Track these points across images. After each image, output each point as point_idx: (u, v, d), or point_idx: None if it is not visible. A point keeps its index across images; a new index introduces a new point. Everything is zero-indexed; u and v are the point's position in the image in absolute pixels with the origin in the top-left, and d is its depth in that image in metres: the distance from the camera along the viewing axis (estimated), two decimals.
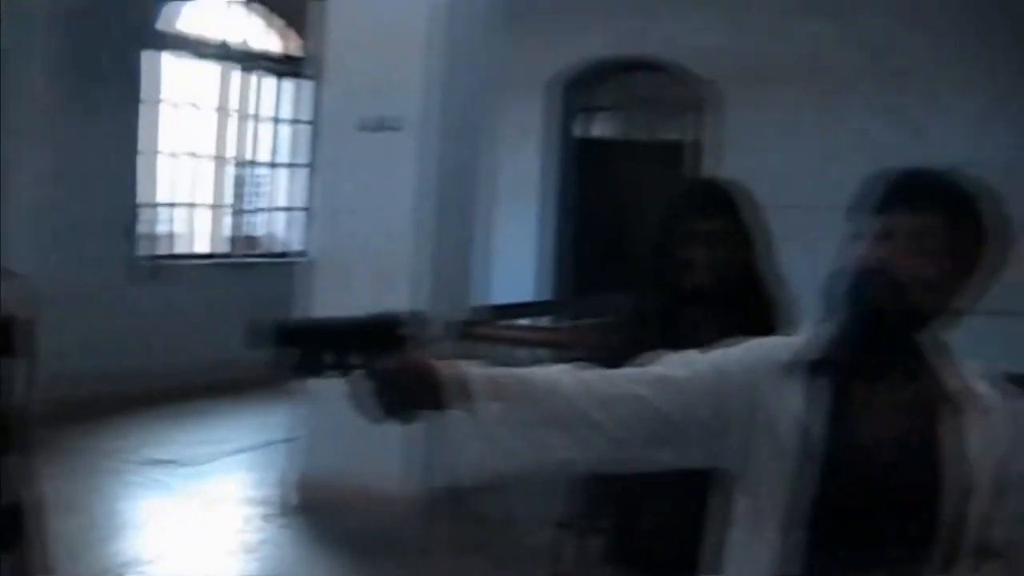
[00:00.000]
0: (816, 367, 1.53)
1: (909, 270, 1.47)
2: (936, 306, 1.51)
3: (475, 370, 1.50)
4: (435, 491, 5.31)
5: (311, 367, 1.42)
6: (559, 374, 1.56)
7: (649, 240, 2.37)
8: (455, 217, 5.55)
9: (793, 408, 1.52)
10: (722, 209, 2.28)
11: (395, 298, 5.13)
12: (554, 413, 1.50)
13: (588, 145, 9.96)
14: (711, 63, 8.75)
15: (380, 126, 5.26)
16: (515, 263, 9.43)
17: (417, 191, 5.31)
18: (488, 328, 5.43)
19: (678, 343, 2.17)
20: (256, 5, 9.28)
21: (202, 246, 9.18)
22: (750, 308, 2.26)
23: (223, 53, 9.04)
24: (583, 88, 9.91)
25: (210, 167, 9.22)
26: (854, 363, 1.53)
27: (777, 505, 1.52)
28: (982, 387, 1.55)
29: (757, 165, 8.43)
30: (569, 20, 9.13)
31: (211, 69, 9.05)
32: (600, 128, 10.05)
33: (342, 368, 1.41)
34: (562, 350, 5.89)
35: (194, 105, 8.96)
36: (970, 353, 1.59)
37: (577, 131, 10.03)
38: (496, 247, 8.88)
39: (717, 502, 1.64)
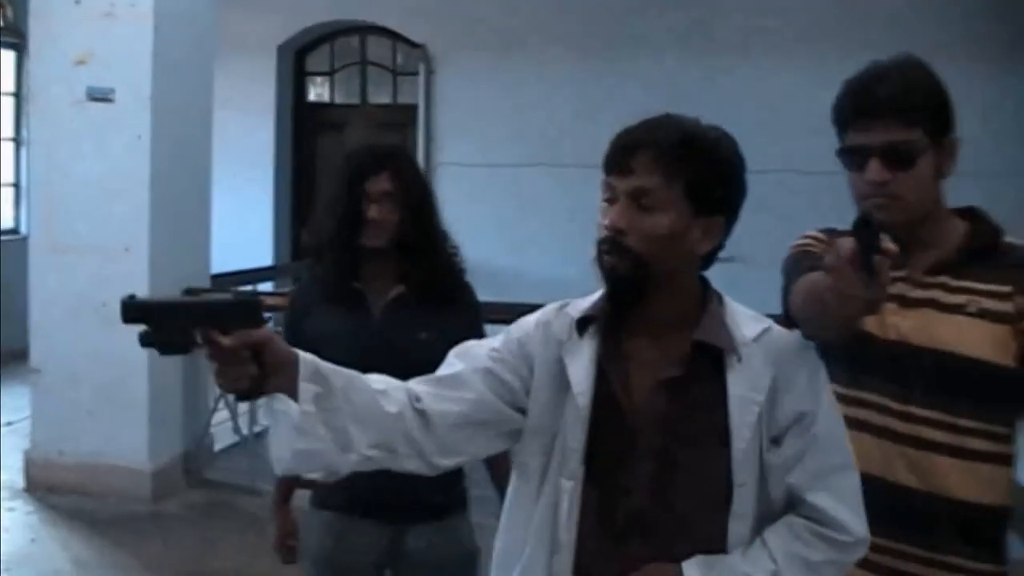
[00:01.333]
0: (590, 323, 1.57)
1: (633, 231, 1.49)
2: (678, 254, 1.52)
3: (305, 355, 1.47)
4: (167, 464, 5.36)
5: (168, 344, 1.42)
6: (387, 383, 1.55)
7: (325, 202, 2.47)
8: (185, 187, 5.52)
9: (576, 362, 1.55)
10: (392, 170, 2.39)
11: (122, 273, 5.10)
12: (367, 414, 1.49)
13: (317, 109, 10.05)
14: (426, 27, 9.03)
15: (92, 98, 5.17)
16: (251, 230, 9.44)
17: (139, 162, 5.24)
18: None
19: (357, 299, 2.39)
20: None
21: None
22: (424, 262, 2.40)
23: None
24: (312, 53, 9.97)
25: None
26: (619, 318, 1.56)
27: (554, 456, 1.56)
28: (751, 332, 1.55)
29: (471, 127, 8.89)
30: None
31: None
32: (328, 93, 10.13)
33: (187, 345, 1.41)
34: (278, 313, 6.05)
35: None
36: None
37: (309, 96, 10.10)
38: (233, 214, 8.87)
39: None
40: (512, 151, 8.75)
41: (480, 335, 2.47)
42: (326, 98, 10.13)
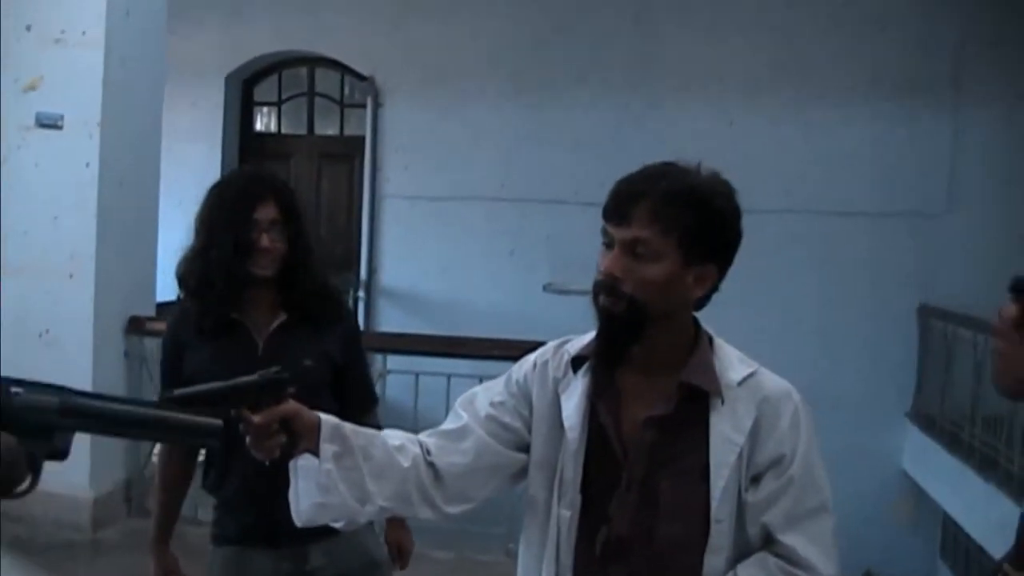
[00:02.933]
0: (584, 361, 1.65)
1: (628, 279, 1.55)
2: (672, 300, 1.58)
3: (328, 418, 1.60)
4: (108, 492, 5.32)
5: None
6: (402, 439, 1.67)
7: (209, 227, 2.36)
8: (132, 215, 5.51)
9: (569, 399, 1.64)
10: (277, 197, 2.34)
11: (67, 299, 5.08)
12: (384, 469, 1.61)
13: (264, 139, 10.08)
14: (374, 59, 9.16)
15: (41, 124, 5.17)
16: None
17: (87, 190, 5.23)
18: (157, 324, 5.46)
19: (237, 330, 2.35)
20: None
21: None
22: (304, 288, 2.37)
23: None
24: (260, 83, 10.01)
25: None
26: (613, 357, 1.63)
27: (555, 488, 1.63)
28: (737, 376, 1.61)
29: (417, 159, 9.00)
30: (244, 14, 9.22)
31: None
32: (276, 123, 10.17)
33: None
34: None
35: None
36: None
37: (257, 126, 10.13)
38: (180, 242, 8.84)
39: None
40: (458, 184, 8.87)
41: (360, 353, 2.54)
42: (273, 128, 10.17)
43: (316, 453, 1.57)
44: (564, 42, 8.72)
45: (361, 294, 9.14)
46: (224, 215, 2.34)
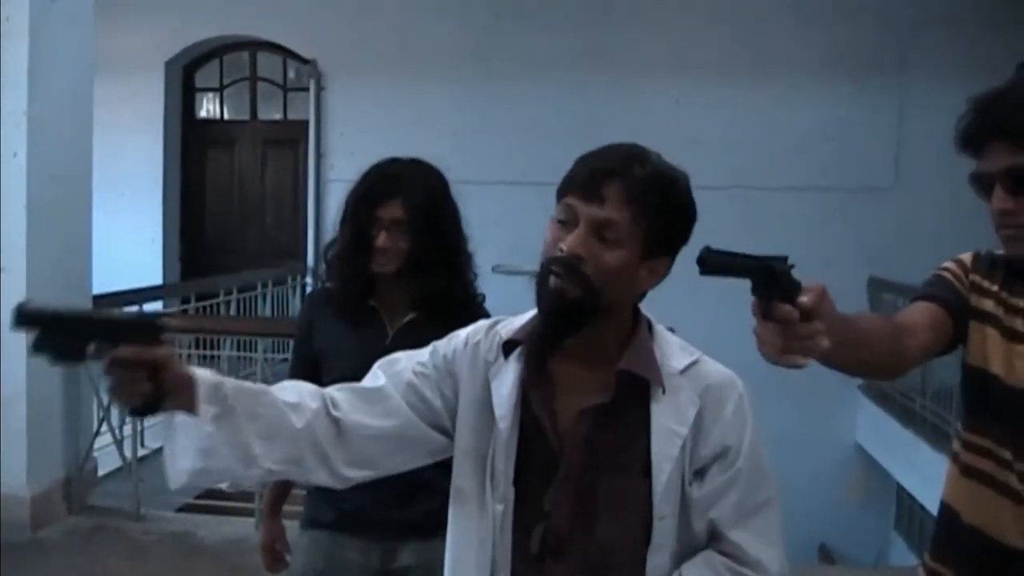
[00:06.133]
0: (517, 346, 1.54)
1: (591, 261, 1.45)
2: (624, 290, 1.50)
3: (204, 372, 1.46)
4: (47, 490, 5.19)
5: (61, 353, 1.39)
6: (300, 394, 1.55)
7: (342, 219, 2.36)
8: (64, 206, 5.37)
9: (500, 386, 1.53)
10: (405, 194, 2.29)
11: (5, 293, 4.93)
12: (274, 429, 1.49)
13: (207, 126, 9.91)
14: (316, 43, 9.03)
15: None
16: (140, 247, 9.26)
17: (16, 180, 5.07)
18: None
19: (371, 316, 2.34)
20: None
21: None
22: (437, 288, 2.33)
23: None
24: (201, 69, 9.83)
25: None
26: (551, 343, 1.53)
27: (487, 479, 1.53)
28: (679, 364, 1.53)
29: (361, 143, 8.90)
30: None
31: None
32: (218, 109, 10.00)
33: (82, 355, 1.40)
34: (169, 334, 5.91)
35: None
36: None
37: (201, 113, 9.96)
38: (121, 232, 8.68)
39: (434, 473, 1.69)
40: None
41: None
42: (216, 114, 9.99)
43: (192, 412, 1.43)
44: (512, 24, 8.66)
45: (308, 280, 9.03)
46: (350, 209, 2.34)
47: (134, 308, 6.10)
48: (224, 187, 9.87)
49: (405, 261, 2.30)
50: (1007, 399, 1.61)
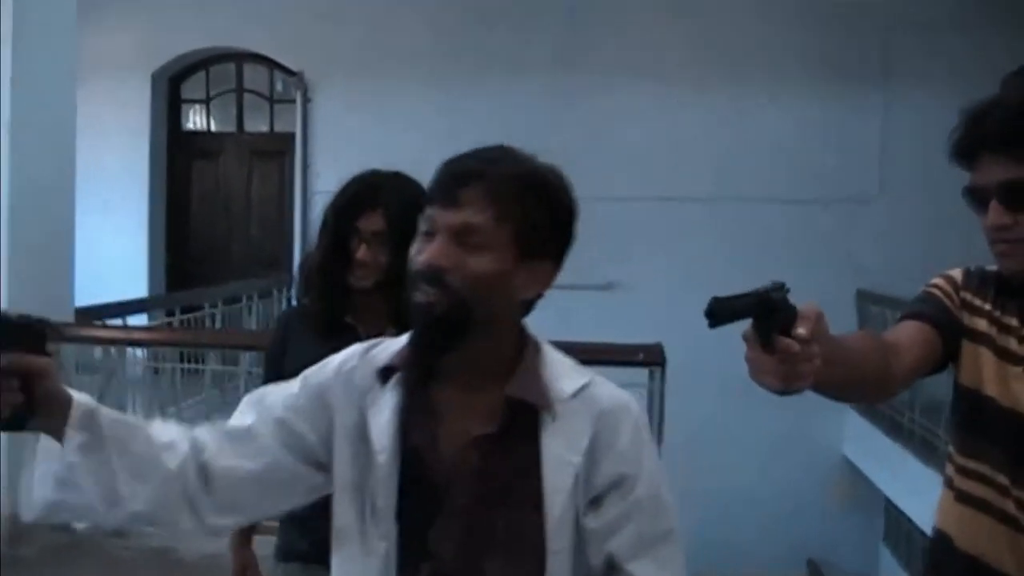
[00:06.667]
0: (394, 372, 1.45)
1: (455, 271, 1.36)
2: (499, 300, 1.40)
3: (81, 396, 1.36)
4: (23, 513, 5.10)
5: None
6: (174, 435, 1.44)
7: (320, 230, 2.31)
8: (45, 216, 5.33)
9: (377, 416, 1.44)
10: (386, 206, 2.24)
11: None
12: (145, 468, 1.38)
13: (193, 137, 9.87)
14: (302, 54, 9.01)
15: None
16: (125, 259, 9.20)
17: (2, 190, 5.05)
18: (80, 329, 5.27)
19: (348, 333, 2.22)
20: None
21: None
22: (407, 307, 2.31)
23: None
24: (187, 80, 9.80)
25: None
26: (426, 364, 1.44)
27: (366, 515, 1.43)
28: (570, 387, 1.42)
29: (347, 155, 8.86)
30: (169, 10, 9.02)
31: None
32: (204, 120, 9.96)
33: None
34: (154, 348, 5.86)
35: None
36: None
37: (187, 124, 9.92)
38: (106, 243, 8.61)
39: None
40: None
41: None
42: (202, 126, 9.94)
43: (57, 437, 1.33)
44: (492, 34, 8.65)
45: (294, 292, 8.95)
46: (329, 221, 2.28)
47: (118, 321, 6.04)
48: (210, 199, 9.82)
49: (384, 276, 2.23)
50: (1002, 422, 1.57)
